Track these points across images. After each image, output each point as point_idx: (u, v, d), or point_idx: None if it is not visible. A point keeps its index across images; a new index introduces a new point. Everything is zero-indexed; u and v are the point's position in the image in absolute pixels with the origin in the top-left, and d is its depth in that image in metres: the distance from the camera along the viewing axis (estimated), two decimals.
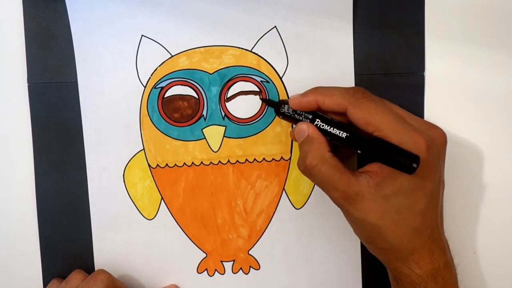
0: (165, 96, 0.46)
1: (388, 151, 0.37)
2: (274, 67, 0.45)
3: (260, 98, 0.45)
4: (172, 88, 0.46)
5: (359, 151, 0.39)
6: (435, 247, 0.39)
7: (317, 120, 0.40)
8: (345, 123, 0.40)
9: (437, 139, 0.39)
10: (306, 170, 0.39)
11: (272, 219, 0.47)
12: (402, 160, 0.36)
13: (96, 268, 0.47)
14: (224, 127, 0.46)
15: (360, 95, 0.39)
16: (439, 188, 0.40)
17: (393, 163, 0.37)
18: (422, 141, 0.37)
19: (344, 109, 0.39)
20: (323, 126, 0.40)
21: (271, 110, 0.46)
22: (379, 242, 0.39)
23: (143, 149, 0.46)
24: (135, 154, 0.46)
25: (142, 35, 0.45)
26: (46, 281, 0.47)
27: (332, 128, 0.39)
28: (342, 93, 0.39)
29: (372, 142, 0.38)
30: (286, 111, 0.42)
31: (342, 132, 0.39)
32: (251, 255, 0.47)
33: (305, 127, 0.40)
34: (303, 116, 0.41)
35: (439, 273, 0.39)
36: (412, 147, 0.37)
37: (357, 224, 0.40)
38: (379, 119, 0.38)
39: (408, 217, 0.38)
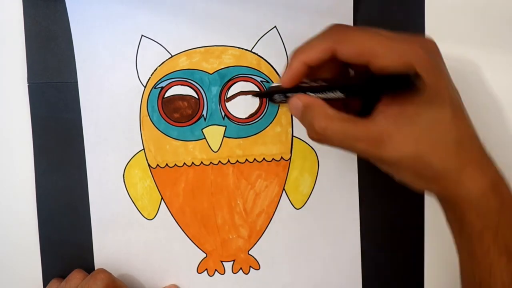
0: (165, 96, 0.46)
1: (385, 79, 0.35)
2: (274, 67, 0.45)
3: (253, 95, 0.45)
4: (172, 88, 0.46)
5: (361, 97, 0.37)
6: (482, 158, 0.37)
7: (308, 93, 0.39)
8: (334, 80, 0.38)
9: (428, 45, 0.37)
10: (319, 136, 0.37)
11: (272, 219, 0.47)
12: (403, 78, 0.33)
13: (96, 268, 0.47)
14: (224, 127, 0.46)
15: (339, 30, 0.37)
16: (454, 91, 0.37)
17: (395, 85, 0.34)
18: (418, 48, 0.35)
19: (332, 52, 0.37)
20: (317, 96, 0.38)
21: (271, 110, 0.46)
22: (426, 173, 0.36)
23: (143, 149, 0.46)
24: (135, 154, 0.46)
25: (142, 35, 0.45)
26: (46, 281, 0.47)
27: (324, 93, 0.37)
28: (320, 39, 0.37)
29: (367, 81, 0.36)
30: (279, 99, 0.41)
31: (335, 90, 0.37)
32: (251, 255, 0.47)
33: (297, 101, 0.38)
34: (291, 94, 0.40)
35: (495, 185, 0.36)
36: (411, 57, 0.35)
37: (397, 166, 0.37)
38: (369, 44, 0.35)
39: (441, 131, 0.35)
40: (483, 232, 0.36)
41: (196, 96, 0.46)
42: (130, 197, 0.47)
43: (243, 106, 0.46)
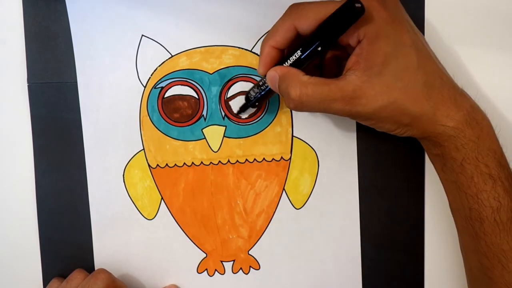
0: (165, 96, 0.46)
1: (332, 16, 0.37)
2: None
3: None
4: (172, 88, 0.46)
5: (319, 48, 0.38)
6: (455, 94, 0.38)
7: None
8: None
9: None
10: (296, 103, 0.38)
11: (272, 219, 0.47)
12: (348, 9, 0.36)
13: (96, 268, 0.47)
14: (224, 127, 0.46)
15: (296, 8, 0.39)
16: (418, 36, 0.39)
17: (342, 19, 0.37)
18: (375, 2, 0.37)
19: (294, 30, 0.39)
20: (286, 64, 0.40)
21: (271, 110, 0.46)
22: (403, 119, 0.38)
23: (143, 149, 0.46)
24: (135, 154, 0.46)
25: (142, 35, 0.45)
26: (46, 281, 0.47)
27: (289, 59, 0.39)
28: (281, 20, 0.40)
29: (319, 29, 0.38)
30: (254, 95, 0.43)
31: (296, 52, 0.39)
32: (251, 255, 0.47)
33: (273, 72, 0.40)
34: (262, 85, 0.42)
35: (471, 117, 0.38)
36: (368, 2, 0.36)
37: (375, 118, 0.39)
38: (324, 12, 0.37)
39: (410, 76, 0.37)
40: (464, 163, 0.38)
41: (196, 96, 0.46)
42: (130, 197, 0.47)
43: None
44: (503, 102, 0.46)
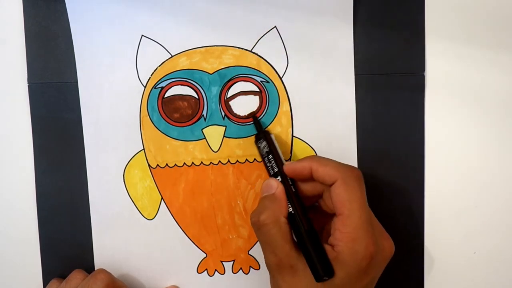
0: (165, 96, 0.46)
1: (313, 250, 0.38)
2: (274, 67, 0.45)
3: (252, 115, 0.45)
4: (172, 88, 0.46)
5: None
6: None
7: (284, 177, 0.41)
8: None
9: (385, 251, 0.39)
10: (256, 224, 0.39)
11: None
12: (317, 266, 0.37)
13: (96, 268, 0.47)
14: (224, 127, 0.46)
15: (355, 175, 0.39)
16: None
17: (310, 263, 0.38)
18: (371, 248, 0.37)
19: (333, 181, 0.39)
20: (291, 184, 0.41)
21: (271, 110, 0.46)
22: None
23: (143, 149, 0.46)
24: (135, 154, 0.46)
25: (142, 35, 0.45)
26: (46, 281, 0.47)
27: (290, 197, 0.40)
28: (337, 166, 0.39)
29: (308, 231, 0.39)
30: (262, 147, 0.43)
31: (290, 206, 0.40)
32: (251, 255, 0.47)
33: (275, 185, 0.40)
34: (272, 163, 0.42)
35: None
36: (361, 250, 0.37)
37: None
38: (355, 207, 0.38)
39: None
40: None
41: (196, 96, 0.46)
42: (130, 197, 0.47)
43: (243, 106, 0.46)
44: (503, 102, 0.46)
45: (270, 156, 0.42)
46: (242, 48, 0.45)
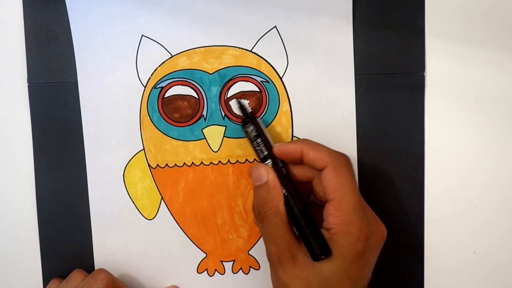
0: (165, 96, 0.46)
1: (309, 230, 0.38)
2: (274, 67, 0.45)
3: (237, 100, 0.45)
4: (172, 88, 0.46)
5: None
6: None
7: (275, 160, 0.41)
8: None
9: (378, 234, 0.40)
10: (259, 215, 0.39)
11: None
12: (313, 246, 0.38)
13: (96, 268, 0.47)
14: (224, 127, 0.46)
15: (344, 161, 0.39)
16: (362, 277, 0.40)
17: (307, 243, 0.38)
18: (365, 230, 0.38)
19: (324, 166, 0.39)
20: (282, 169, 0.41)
21: (271, 110, 0.46)
22: None
23: (143, 149, 0.46)
24: (135, 154, 0.46)
25: (142, 35, 0.45)
26: (46, 281, 0.47)
27: (282, 180, 0.40)
28: (328, 151, 0.40)
29: (302, 212, 0.39)
30: (249, 132, 0.42)
31: (284, 189, 0.40)
32: (251, 255, 0.47)
33: (264, 172, 0.40)
34: (261, 147, 0.41)
35: None
36: (355, 232, 0.37)
37: (279, 286, 0.40)
38: (346, 191, 0.38)
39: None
40: None
41: (196, 96, 0.46)
42: (130, 197, 0.47)
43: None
44: (503, 102, 0.46)
45: (259, 140, 0.42)
46: (242, 48, 0.45)
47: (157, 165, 0.46)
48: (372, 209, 0.40)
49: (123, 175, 0.46)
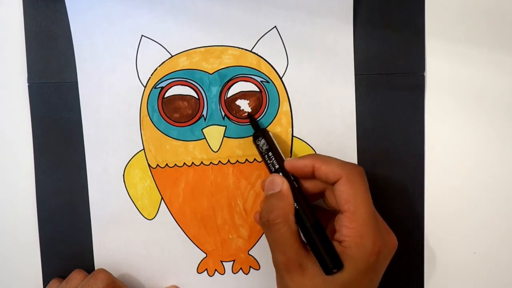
0: (165, 96, 0.46)
1: (321, 243, 0.38)
2: (274, 67, 0.45)
3: (248, 115, 0.45)
4: (172, 88, 0.46)
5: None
6: None
7: (286, 174, 0.41)
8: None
9: (389, 246, 0.40)
10: (266, 223, 0.39)
11: None
12: (325, 259, 0.37)
13: (96, 268, 0.47)
14: (224, 127, 0.46)
15: (358, 172, 0.39)
16: (373, 287, 0.40)
17: (318, 257, 0.38)
18: (378, 243, 0.38)
19: (337, 179, 0.39)
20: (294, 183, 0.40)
21: (270, 110, 0.46)
22: None
23: (143, 149, 0.46)
24: (135, 154, 0.46)
25: (142, 35, 0.45)
26: (46, 281, 0.47)
27: (294, 193, 0.40)
28: (341, 163, 0.39)
29: (314, 226, 0.39)
30: (261, 145, 0.43)
31: (295, 202, 0.40)
32: (251, 255, 0.47)
33: (280, 182, 0.40)
34: (272, 160, 0.42)
35: None
36: (368, 245, 0.37)
37: None
38: (360, 203, 0.38)
39: None
40: None
41: (196, 96, 0.46)
42: (130, 197, 0.47)
43: (243, 106, 0.46)
44: (503, 102, 0.46)
45: (270, 154, 0.42)
46: (242, 48, 0.45)
47: (157, 165, 0.46)
48: None
49: (123, 175, 0.46)
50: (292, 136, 0.46)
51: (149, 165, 0.46)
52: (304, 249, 0.39)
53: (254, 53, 0.45)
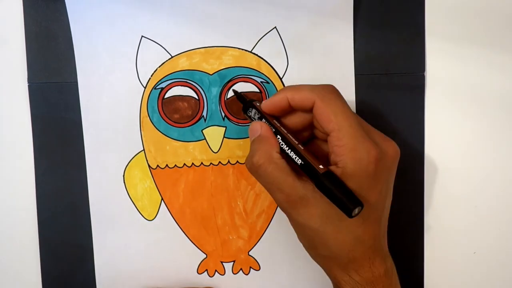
0: (165, 96, 0.46)
1: (336, 189, 0.36)
2: (274, 67, 0.45)
3: (234, 92, 0.45)
4: (172, 88, 0.46)
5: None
6: (376, 256, 0.39)
7: (278, 137, 0.40)
8: (305, 147, 0.39)
9: (389, 153, 0.39)
10: (252, 168, 0.39)
11: (272, 219, 0.47)
12: (345, 202, 0.36)
13: (96, 268, 0.47)
14: (224, 128, 0.46)
15: (330, 90, 0.38)
16: (384, 200, 0.39)
17: (337, 202, 0.36)
18: (374, 151, 0.37)
19: (312, 103, 0.38)
20: (282, 145, 0.39)
21: None
22: (320, 248, 0.39)
23: (143, 149, 0.46)
24: (135, 155, 0.46)
25: (142, 36, 0.45)
26: (45, 282, 0.47)
27: (290, 151, 0.39)
28: (311, 88, 0.39)
29: (324, 174, 0.37)
30: (253, 116, 0.42)
31: (298, 158, 0.38)
32: (251, 256, 0.47)
33: (258, 127, 0.40)
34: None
35: (378, 280, 0.39)
36: (363, 155, 0.36)
37: (300, 229, 0.39)
38: (341, 119, 0.37)
39: (350, 225, 0.38)
40: None
41: (196, 97, 0.46)
42: (130, 198, 0.47)
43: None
44: (503, 102, 0.46)
45: (264, 120, 0.41)
46: (242, 49, 0.45)
47: (157, 165, 0.46)
48: None
49: (123, 175, 0.46)
50: None
51: (149, 165, 0.46)
52: (299, 181, 0.38)
53: (254, 53, 0.45)
